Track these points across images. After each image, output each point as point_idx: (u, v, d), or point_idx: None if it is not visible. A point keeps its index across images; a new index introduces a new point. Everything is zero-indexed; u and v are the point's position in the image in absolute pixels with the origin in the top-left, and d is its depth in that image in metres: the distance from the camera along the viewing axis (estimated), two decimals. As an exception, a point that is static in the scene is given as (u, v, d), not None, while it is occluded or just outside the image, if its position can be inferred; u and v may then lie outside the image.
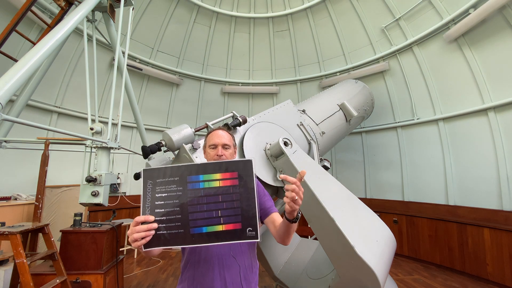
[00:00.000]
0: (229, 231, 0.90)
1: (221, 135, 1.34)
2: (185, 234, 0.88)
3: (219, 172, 0.93)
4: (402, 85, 5.88)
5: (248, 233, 0.90)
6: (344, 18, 6.39)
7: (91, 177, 2.75)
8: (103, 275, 2.84)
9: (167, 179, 0.91)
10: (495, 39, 4.34)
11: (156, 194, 0.90)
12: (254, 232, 0.90)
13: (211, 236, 0.89)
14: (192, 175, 0.92)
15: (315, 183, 2.06)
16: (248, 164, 0.95)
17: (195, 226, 0.89)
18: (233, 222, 0.90)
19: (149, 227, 0.85)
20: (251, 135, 2.47)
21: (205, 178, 0.92)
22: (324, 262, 2.64)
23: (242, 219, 0.90)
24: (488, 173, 4.45)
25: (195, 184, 0.92)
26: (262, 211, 1.21)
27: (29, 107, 4.26)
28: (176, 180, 0.91)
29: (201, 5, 6.59)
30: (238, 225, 0.90)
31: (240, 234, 0.90)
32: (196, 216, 0.89)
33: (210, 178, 0.93)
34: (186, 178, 0.92)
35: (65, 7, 3.34)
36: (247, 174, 0.93)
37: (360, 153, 6.73)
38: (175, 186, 0.91)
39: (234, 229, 0.90)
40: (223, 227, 0.90)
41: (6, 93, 1.70)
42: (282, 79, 7.44)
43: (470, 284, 4.09)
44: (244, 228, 0.90)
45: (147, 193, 0.90)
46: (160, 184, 0.90)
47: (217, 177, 0.93)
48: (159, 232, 0.87)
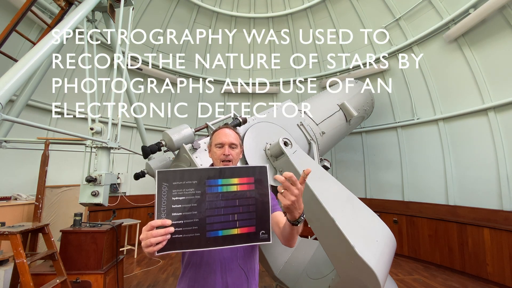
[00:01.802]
0: (244, 234, 0.91)
1: (228, 133, 1.29)
2: (201, 238, 0.87)
3: (237, 176, 0.94)
4: (402, 85, 5.88)
5: (261, 236, 0.92)
6: (344, 18, 6.39)
7: (91, 177, 2.75)
8: (103, 275, 2.84)
9: (184, 182, 0.89)
10: (495, 39, 4.34)
11: (173, 197, 0.87)
12: (266, 235, 0.92)
13: (226, 239, 0.90)
14: (211, 179, 0.91)
15: (315, 183, 2.06)
16: (263, 170, 0.96)
17: (211, 230, 0.89)
18: (248, 225, 0.91)
19: (166, 231, 0.82)
20: (251, 135, 2.47)
21: (223, 182, 0.92)
22: (324, 262, 2.64)
23: (256, 222, 0.92)
24: (488, 173, 4.45)
25: (214, 188, 0.91)
26: None
27: (29, 107, 4.26)
28: (195, 183, 0.90)
29: (201, 5, 6.59)
30: (252, 229, 0.92)
31: (253, 237, 0.92)
32: (214, 219, 0.89)
33: (229, 182, 0.93)
34: (205, 181, 0.91)
35: (65, 7, 3.34)
36: (263, 180, 0.95)
37: (360, 153, 6.73)
38: (193, 190, 0.89)
39: (248, 232, 0.91)
40: (238, 231, 0.91)
41: (6, 93, 1.70)
42: (282, 79, 7.44)
43: (470, 284, 4.09)
44: (257, 231, 0.92)
45: (162, 196, 0.86)
46: (177, 187, 0.88)
47: (235, 181, 0.93)
48: (174, 236, 0.85)
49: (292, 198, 0.86)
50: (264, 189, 0.94)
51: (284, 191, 0.87)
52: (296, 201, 0.88)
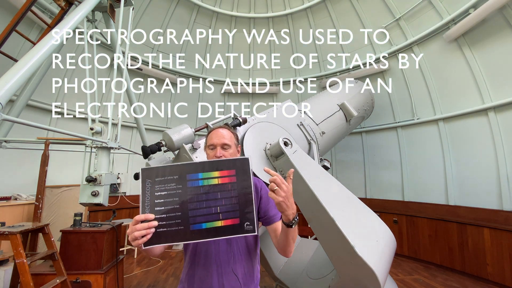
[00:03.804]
0: (228, 226, 0.92)
1: (221, 134, 1.25)
2: (185, 231, 0.90)
3: (218, 170, 0.96)
4: (402, 85, 5.88)
5: (246, 227, 0.93)
6: (344, 18, 6.39)
7: (91, 177, 2.75)
8: (103, 275, 2.84)
9: (166, 177, 0.92)
10: (495, 39, 4.34)
11: (156, 193, 0.91)
12: (251, 226, 0.93)
13: (210, 231, 0.91)
14: (191, 173, 0.94)
15: (315, 183, 2.06)
16: (245, 161, 0.97)
17: (194, 223, 0.91)
18: (232, 217, 0.93)
19: (149, 225, 0.86)
20: (251, 135, 2.47)
21: (204, 176, 0.95)
22: (324, 262, 2.64)
23: (240, 214, 0.93)
24: (488, 173, 4.45)
25: (195, 182, 0.94)
26: (266, 218, 1.20)
27: (29, 107, 4.26)
28: (176, 178, 0.93)
29: (201, 5, 6.59)
30: (236, 220, 0.93)
31: (238, 229, 0.93)
32: (196, 213, 0.91)
33: (209, 176, 0.95)
34: (185, 176, 0.94)
35: (65, 7, 3.34)
36: (244, 172, 0.96)
37: (360, 153, 6.73)
38: (175, 184, 0.92)
39: (232, 224, 0.93)
40: (222, 223, 0.92)
41: (6, 93, 1.70)
42: (282, 79, 7.44)
43: (470, 284, 4.09)
44: (241, 222, 0.93)
45: (146, 192, 0.91)
46: (159, 183, 0.92)
47: (216, 174, 0.95)
48: (159, 229, 0.88)
49: (282, 194, 0.91)
50: (246, 181, 0.96)
51: (276, 189, 0.91)
52: (287, 199, 0.93)
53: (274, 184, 0.92)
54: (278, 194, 0.91)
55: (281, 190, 0.91)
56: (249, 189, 0.95)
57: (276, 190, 0.91)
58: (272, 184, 0.92)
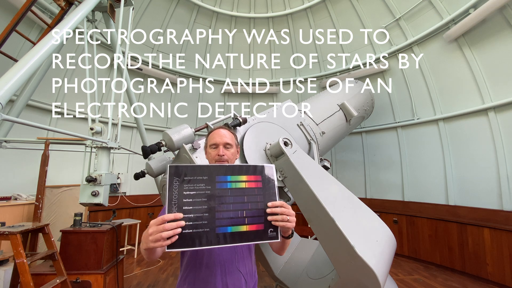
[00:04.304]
0: (252, 232, 0.91)
1: (223, 134, 1.27)
2: (211, 234, 0.87)
3: (245, 174, 0.96)
4: (402, 85, 5.88)
5: (269, 234, 0.93)
6: (344, 18, 6.39)
7: (91, 177, 2.75)
8: (103, 275, 2.84)
9: (195, 177, 0.90)
10: (495, 39, 4.34)
11: (184, 192, 0.87)
12: (275, 233, 0.93)
13: (235, 236, 0.90)
14: (220, 175, 0.93)
15: (315, 183, 2.06)
16: (270, 169, 1.00)
17: (221, 225, 0.89)
18: (257, 222, 0.92)
19: (178, 225, 0.81)
20: (251, 135, 2.47)
21: (232, 179, 0.94)
22: (324, 262, 2.64)
23: (265, 220, 0.93)
24: (488, 173, 4.45)
25: (223, 184, 0.93)
26: None
27: (29, 107, 4.26)
28: (205, 179, 0.91)
29: (201, 5, 6.59)
30: (261, 226, 0.93)
31: (262, 235, 0.92)
32: (223, 215, 0.89)
33: (237, 179, 0.95)
34: (214, 177, 0.92)
35: (65, 7, 3.34)
36: (270, 178, 0.98)
37: (360, 153, 6.73)
38: (204, 185, 0.90)
39: (257, 229, 0.92)
40: (247, 228, 0.91)
41: (6, 93, 1.70)
42: (282, 79, 7.43)
43: (470, 284, 4.09)
44: (266, 229, 0.93)
45: (174, 190, 0.87)
46: (188, 182, 0.89)
47: (243, 178, 0.95)
48: (185, 231, 0.83)
49: (294, 219, 0.96)
50: (272, 187, 0.97)
51: (289, 217, 0.94)
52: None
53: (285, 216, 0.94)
54: (293, 221, 0.95)
55: (291, 216, 0.95)
56: (274, 196, 0.96)
57: (289, 219, 0.94)
58: (284, 216, 0.93)
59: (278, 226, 0.94)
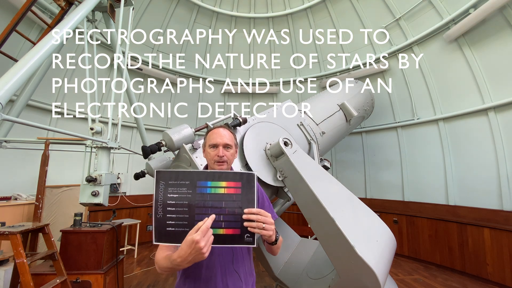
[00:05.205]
0: (229, 235, 0.97)
1: (223, 134, 1.26)
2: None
3: (225, 180, 1.01)
4: (402, 85, 5.88)
5: (245, 239, 0.97)
6: (344, 18, 6.39)
7: (91, 177, 2.75)
8: (103, 275, 2.84)
9: (179, 181, 0.98)
10: (495, 39, 4.34)
11: (168, 194, 0.97)
12: (251, 238, 0.98)
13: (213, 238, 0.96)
14: (201, 181, 1.00)
15: (315, 183, 2.06)
16: (251, 177, 1.03)
17: None
18: (233, 227, 0.97)
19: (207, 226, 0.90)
20: (251, 135, 2.47)
21: (212, 185, 1.00)
22: (324, 262, 2.64)
23: (241, 225, 0.97)
24: (488, 173, 4.45)
25: (203, 189, 0.99)
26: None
27: (29, 107, 4.26)
28: (187, 183, 0.98)
29: (201, 5, 6.59)
30: (237, 231, 0.97)
31: (238, 239, 0.97)
32: (201, 217, 0.95)
33: (217, 185, 1.00)
34: (196, 182, 0.99)
35: (65, 7, 3.34)
36: (250, 186, 1.01)
37: (360, 153, 6.73)
38: (186, 189, 0.98)
39: (233, 233, 0.97)
40: (223, 231, 0.96)
41: (6, 93, 1.70)
42: (282, 79, 7.43)
43: (470, 284, 4.09)
44: (242, 234, 0.97)
45: (159, 193, 0.97)
46: (172, 186, 0.98)
47: (223, 184, 1.00)
48: (168, 228, 0.95)
49: (271, 228, 1.00)
50: (250, 195, 1.00)
51: (265, 225, 0.98)
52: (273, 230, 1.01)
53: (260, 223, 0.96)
54: (269, 229, 0.98)
55: (268, 224, 0.98)
56: (251, 203, 1.00)
57: (265, 227, 0.97)
58: (259, 223, 0.96)
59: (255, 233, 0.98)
